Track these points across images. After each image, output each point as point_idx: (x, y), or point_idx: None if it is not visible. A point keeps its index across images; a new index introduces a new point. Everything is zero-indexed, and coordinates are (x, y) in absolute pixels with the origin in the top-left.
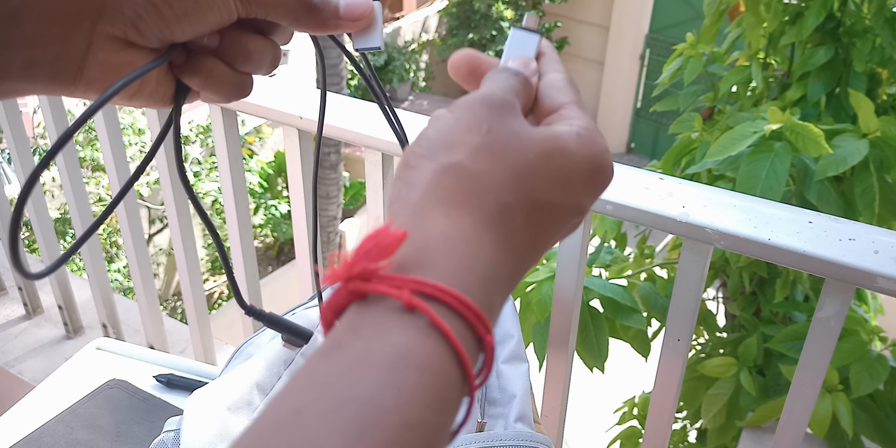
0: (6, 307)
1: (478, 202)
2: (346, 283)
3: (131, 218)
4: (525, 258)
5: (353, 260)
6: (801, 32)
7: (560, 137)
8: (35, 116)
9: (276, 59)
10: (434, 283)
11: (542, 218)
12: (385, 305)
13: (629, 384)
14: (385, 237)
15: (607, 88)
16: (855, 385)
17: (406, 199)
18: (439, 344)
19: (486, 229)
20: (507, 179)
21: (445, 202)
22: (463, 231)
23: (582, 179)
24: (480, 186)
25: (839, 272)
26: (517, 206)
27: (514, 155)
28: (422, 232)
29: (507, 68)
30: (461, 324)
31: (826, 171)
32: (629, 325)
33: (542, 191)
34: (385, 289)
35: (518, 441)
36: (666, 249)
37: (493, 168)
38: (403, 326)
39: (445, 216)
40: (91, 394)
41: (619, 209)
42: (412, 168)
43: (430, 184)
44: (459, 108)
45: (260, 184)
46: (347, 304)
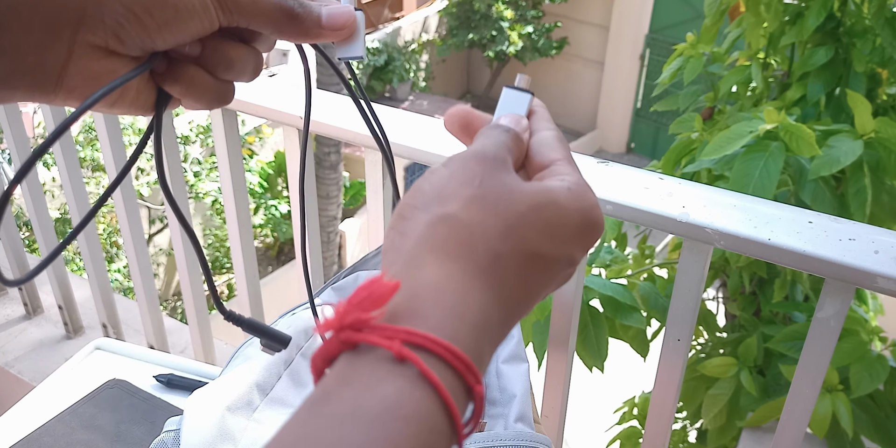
0: (6, 307)
1: (469, 251)
2: (338, 332)
3: (131, 218)
4: (516, 307)
5: (346, 310)
6: (802, 32)
7: (551, 191)
8: (35, 116)
9: (259, 66)
10: (424, 334)
11: (534, 268)
12: (376, 356)
13: (629, 384)
14: (378, 288)
15: (607, 88)
16: (855, 385)
17: (399, 248)
18: (428, 394)
19: (477, 278)
20: (499, 230)
21: (437, 251)
22: (454, 280)
23: (573, 232)
24: (471, 236)
25: (839, 272)
26: (508, 256)
27: (506, 206)
28: (413, 281)
29: (499, 125)
30: (450, 374)
31: (819, 171)
32: (629, 324)
33: (534, 241)
34: (376, 339)
35: (518, 441)
36: (666, 249)
37: (484, 219)
38: (393, 377)
39: (437, 265)
40: (91, 394)
41: (619, 209)
42: (406, 219)
43: (423, 234)
44: (453, 162)
45: (260, 184)
46: (339, 353)
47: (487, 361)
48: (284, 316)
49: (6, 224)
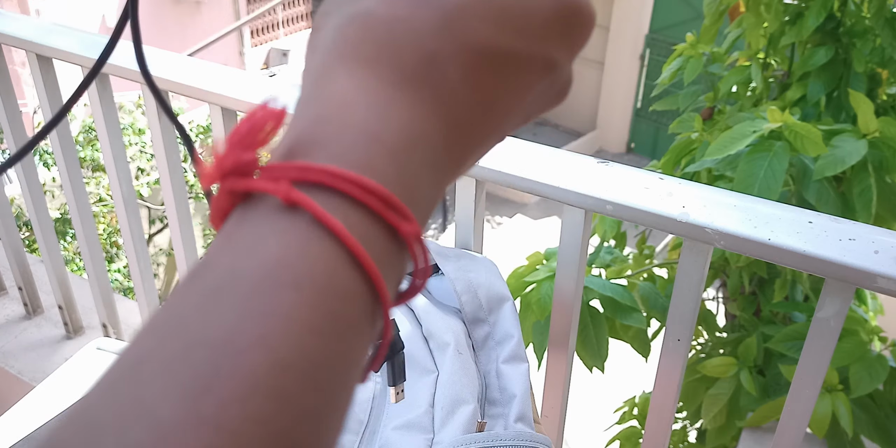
0: (6, 307)
1: (390, 54)
2: (221, 181)
3: (131, 218)
4: (470, 123)
5: (226, 152)
6: (802, 33)
7: None
8: (35, 116)
9: None
10: (321, 167)
11: (491, 71)
12: (264, 206)
13: (629, 384)
14: (261, 118)
15: (607, 88)
16: (854, 385)
17: (310, 64)
18: (328, 247)
19: (401, 87)
20: (433, 24)
21: (347, 59)
22: (369, 92)
23: (543, 20)
24: (392, 34)
25: (839, 272)
26: (448, 55)
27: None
28: (319, 102)
29: None
30: (361, 214)
31: (824, 171)
32: (629, 324)
33: (486, 34)
34: (259, 184)
35: (518, 441)
36: (666, 249)
37: (412, 13)
38: (280, 231)
39: (348, 76)
40: None
41: (619, 209)
42: (317, 30)
43: (333, 40)
44: None
45: None
46: (232, 207)
47: (430, 196)
48: None
49: (6, 224)
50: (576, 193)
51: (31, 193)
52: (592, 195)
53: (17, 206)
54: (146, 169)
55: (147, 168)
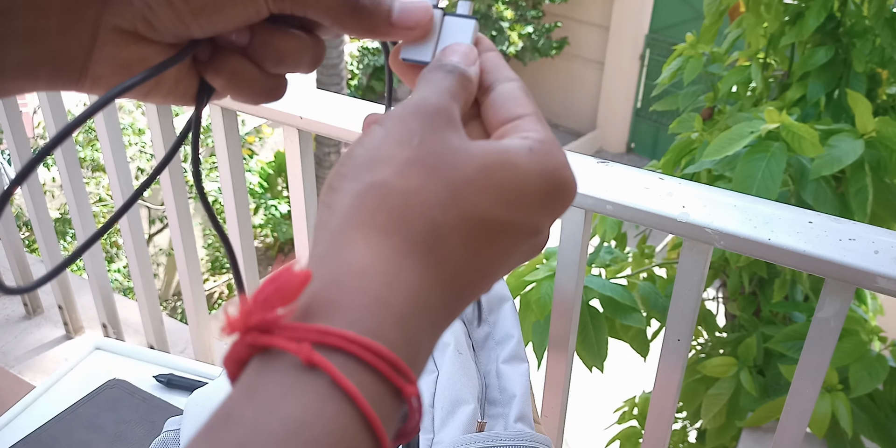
0: (6, 307)
1: (402, 224)
2: (243, 335)
3: (131, 218)
4: (465, 284)
5: (251, 308)
6: (802, 33)
7: (507, 151)
8: (35, 116)
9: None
10: (339, 332)
11: (486, 238)
12: (284, 363)
13: (629, 384)
14: (287, 280)
15: (607, 88)
16: (854, 384)
17: (325, 224)
18: (343, 407)
19: (409, 255)
20: (441, 197)
21: (364, 226)
22: (381, 260)
23: (535, 196)
24: (406, 206)
25: (839, 272)
26: (451, 226)
27: (450, 169)
28: (335, 266)
29: (443, 65)
30: (373, 378)
31: (820, 171)
32: (629, 324)
33: (483, 208)
34: (283, 343)
35: (518, 441)
36: (666, 249)
37: (423, 185)
38: (300, 390)
39: (364, 243)
40: (91, 394)
41: (619, 209)
42: (334, 190)
43: (351, 206)
44: (390, 119)
45: (260, 184)
46: (249, 357)
47: (426, 351)
48: None
49: (6, 224)
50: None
51: (31, 193)
52: (592, 195)
53: (17, 206)
54: (146, 169)
55: (147, 168)
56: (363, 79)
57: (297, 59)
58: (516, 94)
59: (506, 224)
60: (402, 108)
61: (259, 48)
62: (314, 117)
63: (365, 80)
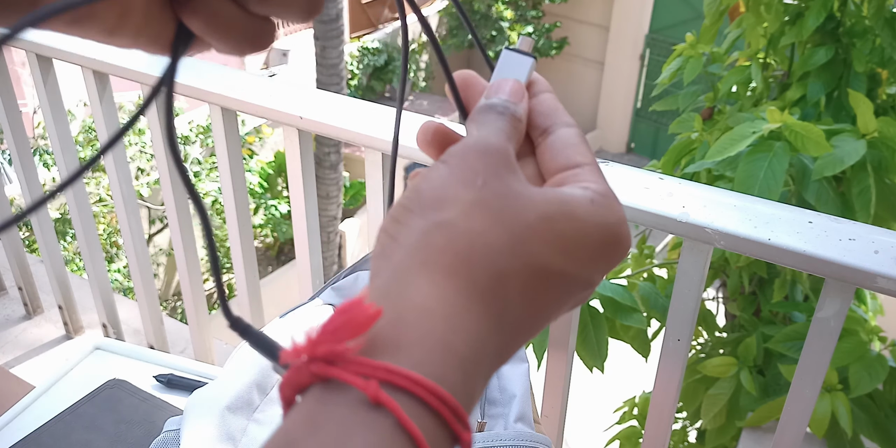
0: (6, 307)
1: (467, 266)
2: (308, 363)
3: (131, 218)
4: (518, 334)
5: (319, 338)
6: (802, 33)
7: (569, 202)
8: (35, 116)
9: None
10: (406, 373)
11: (543, 289)
12: (348, 398)
13: (629, 384)
14: (357, 314)
15: (607, 88)
16: (854, 384)
17: (389, 256)
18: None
19: (474, 300)
20: (503, 242)
21: (430, 265)
22: (446, 303)
23: (593, 249)
24: (471, 248)
25: (839, 272)
26: (513, 274)
27: (513, 215)
28: (400, 301)
29: (494, 105)
30: (435, 422)
31: (823, 171)
32: (629, 324)
33: (545, 257)
34: (350, 378)
35: (518, 441)
36: (666, 249)
37: (487, 228)
38: (366, 428)
39: (429, 283)
40: (91, 394)
41: None
42: (399, 223)
43: (417, 243)
44: (453, 157)
45: (260, 184)
46: (309, 384)
47: (478, 397)
48: (284, 316)
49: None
50: None
51: (31, 193)
52: None
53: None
54: (146, 169)
55: (147, 168)
56: (363, 79)
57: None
58: (575, 141)
59: (563, 275)
60: (464, 148)
61: None
62: (314, 117)
63: (365, 80)
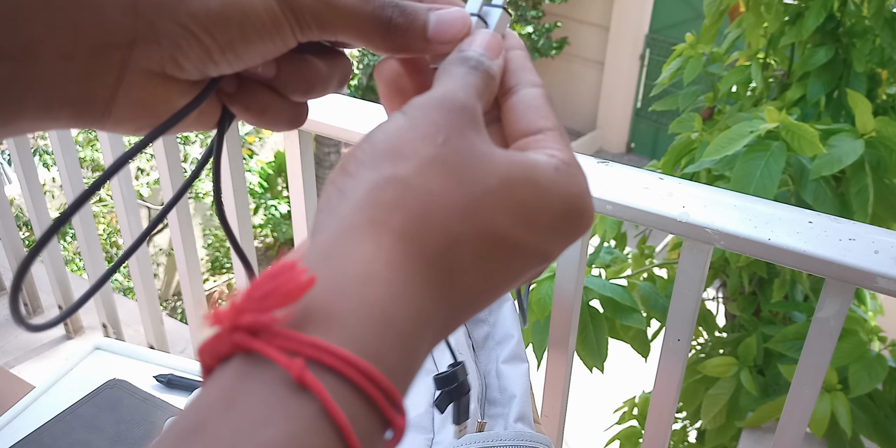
0: (6, 307)
1: (418, 230)
2: (230, 332)
3: (131, 218)
4: (466, 306)
5: (243, 304)
6: (801, 33)
7: (534, 167)
8: None
9: (346, 76)
10: (337, 351)
11: (498, 259)
12: (271, 375)
13: (629, 384)
14: (288, 280)
15: (607, 88)
16: (854, 384)
17: (333, 209)
18: (330, 441)
19: (423, 268)
20: (461, 205)
21: (378, 225)
22: (390, 267)
23: (553, 220)
24: (425, 208)
25: (839, 272)
26: (467, 241)
27: (473, 176)
28: (340, 265)
29: (467, 57)
30: (365, 406)
31: (821, 171)
32: (629, 324)
33: (503, 225)
34: (274, 353)
35: (518, 441)
36: (666, 249)
37: (444, 189)
38: (286, 416)
39: (374, 245)
40: (91, 394)
41: (619, 209)
42: (349, 175)
43: (365, 198)
44: (413, 109)
45: (260, 184)
46: (229, 354)
47: (415, 373)
48: None
49: (6, 224)
50: None
51: (31, 193)
52: (593, 195)
53: (17, 206)
54: (146, 169)
55: (147, 168)
56: (363, 79)
57: (326, 84)
58: (539, 102)
59: (520, 245)
60: (427, 99)
61: (287, 80)
62: (314, 117)
63: (365, 80)
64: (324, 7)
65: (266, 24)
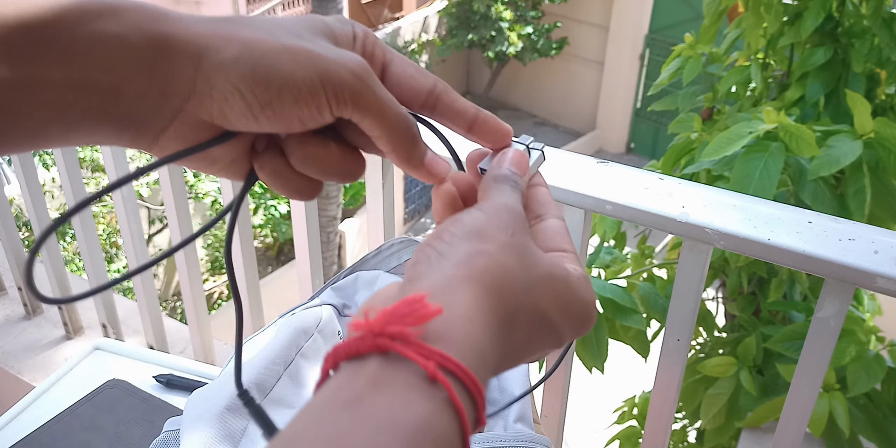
0: (6, 307)
1: (500, 290)
2: (375, 336)
3: (131, 218)
4: (509, 361)
5: (390, 318)
6: (800, 33)
7: (567, 271)
8: None
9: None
10: (456, 361)
11: (537, 330)
12: (409, 370)
13: (629, 384)
14: (422, 307)
15: (607, 88)
16: (852, 383)
17: (436, 265)
18: (452, 420)
19: (498, 321)
20: (525, 281)
21: (473, 281)
22: (481, 314)
23: (574, 313)
24: (504, 278)
25: (839, 272)
26: (523, 311)
27: (531, 264)
28: (448, 305)
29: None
30: (470, 405)
31: (819, 171)
32: (629, 325)
33: (545, 304)
34: (414, 355)
35: (518, 441)
36: (666, 249)
37: (515, 267)
38: (426, 397)
39: (472, 296)
40: (90, 394)
41: (619, 209)
42: (445, 243)
43: (464, 260)
44: (488, 208)
45: (260, 184)
46: (366, 353)
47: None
48: (284, 316)
49: (6, 224)
50: (576, 193)
51: (30, 193)
52: (592, 195)
53: (17, 207)
54: None
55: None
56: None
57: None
58: (563, 231)
59: (553, 324)
60: (496, 204)
61: (292, 147)
62: None
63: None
64: (364, 89)
65: (303, 92)
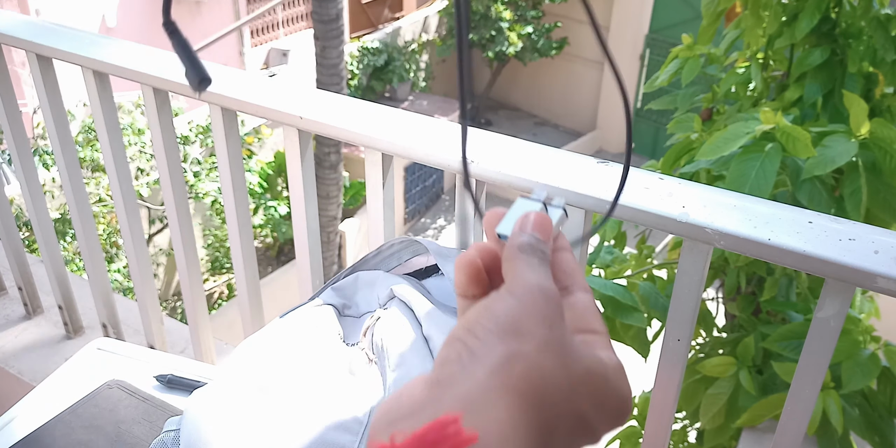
0: (6, 307)
1: (539, 401)
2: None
3: (131, 218)
4: None
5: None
6: (796, 34)
7: (604, 365)
8: (35, 116)
9: None
10: None
11: (576, 435)
12: None
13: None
14: (456, 434)
15: (607, 88)
16: (846, 381)
17: (469, 368)
18: None
19: (539, 434)
20: (566, 385)
21: (511, 392)
22: (519, 434)
23: (611, 408)
24: (545, 385)
25: (839, 272)
26: (563, 418)
27: (571, 364)
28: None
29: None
30: None
31: (813, 171)
32: (630, 323)
33: (585, 408)
34: None
35: None
36: (666, 249)
37: (555, 369)
38: None
39: (509, 413)
40: (91, 394)
41: (619, 209)
42: (478, 339)
43: (500, 366)
44: (519, 292)
45: (260, 184)
46: None
47: None
48: (285, 315)
49: (6, 224)
50: (576, 193)
51: (31, 193)
52: (592, 195)
53: (17, 206)
54: (146, 169)
55: (147, 168)
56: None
57: None
58: (594, 308)
59: (591, 425)
60: (528, 286)
61: None
62: (314, 117)
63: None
64: None
65: None
